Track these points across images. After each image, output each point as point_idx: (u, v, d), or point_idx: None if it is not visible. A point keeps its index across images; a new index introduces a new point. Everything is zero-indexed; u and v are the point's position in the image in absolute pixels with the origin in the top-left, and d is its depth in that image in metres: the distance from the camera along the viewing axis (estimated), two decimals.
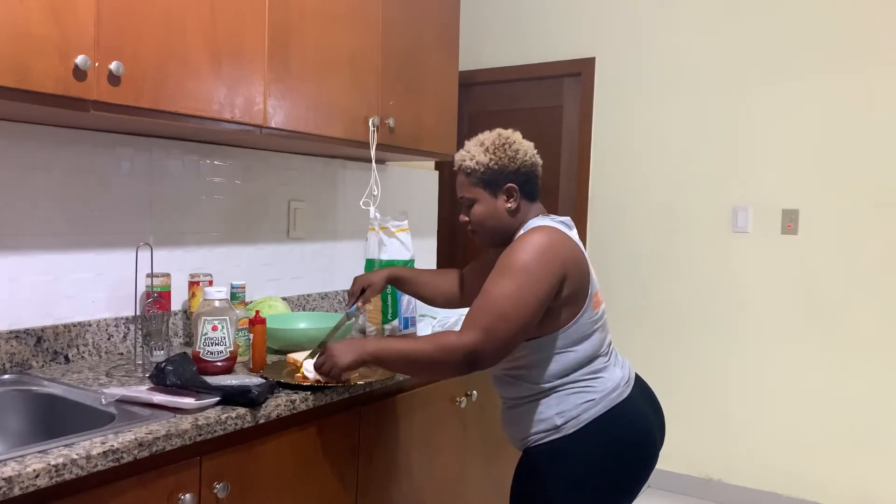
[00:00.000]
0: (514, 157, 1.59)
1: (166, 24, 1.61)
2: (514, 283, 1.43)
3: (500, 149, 1.59)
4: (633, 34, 3.69)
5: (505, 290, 1.43)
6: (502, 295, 1.43)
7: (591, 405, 1.52)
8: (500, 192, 1.60)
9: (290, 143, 2.14)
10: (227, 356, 1.69)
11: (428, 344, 1.47)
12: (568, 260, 1.49)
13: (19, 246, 1.72)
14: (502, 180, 1.59)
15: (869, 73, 3.12)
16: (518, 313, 1.42)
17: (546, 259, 1.45)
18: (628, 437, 1.54)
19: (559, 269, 1.47)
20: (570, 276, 1.49)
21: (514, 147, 1.60)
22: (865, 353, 3.15)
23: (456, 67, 2.65)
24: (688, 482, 3.55)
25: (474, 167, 1.59)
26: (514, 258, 1.46)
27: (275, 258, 2.41)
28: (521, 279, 1.43)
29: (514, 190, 1.59)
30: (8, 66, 1.33)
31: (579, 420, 1.51)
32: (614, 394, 1.54)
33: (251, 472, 1.51)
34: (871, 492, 3.14)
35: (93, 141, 1.85)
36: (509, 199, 1.60)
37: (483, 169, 1.58)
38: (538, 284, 1.44)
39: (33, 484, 1.11)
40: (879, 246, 3.12)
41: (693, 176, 3.54)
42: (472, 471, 2.27)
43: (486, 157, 1.58)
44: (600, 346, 1.57)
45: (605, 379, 1.55)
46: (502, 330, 1.42)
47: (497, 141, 1.60)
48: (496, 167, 1.58)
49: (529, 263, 1.44)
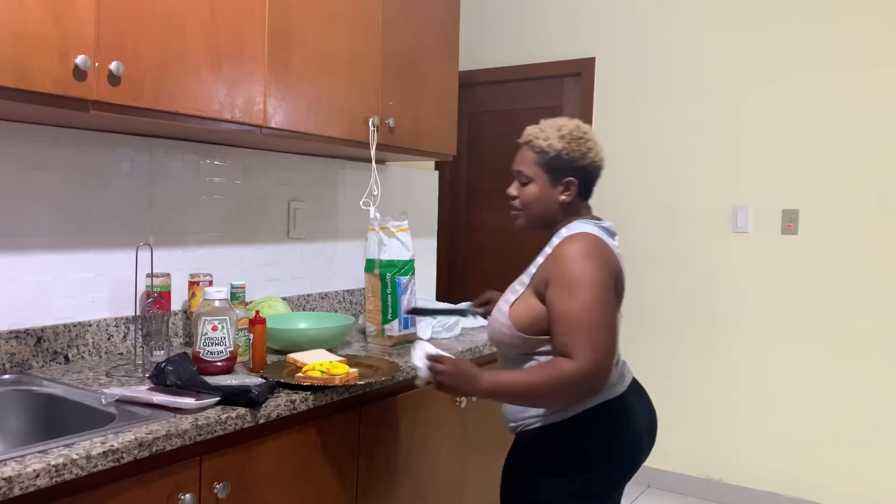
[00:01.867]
0: (586, 153, 1.59)
1: (166, 24, 1.61)
2: (589, 293, 1.45)
3: (576, 140, 1.58)
4: (633, 34, 3.68)
5: (586, 304, 1.45)
6: (586, 309, 1.45)
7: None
8: (560, 183, 1.60)
9: (290, 143, 2.14)
10: (227, 356, 1.69)
11: (540, 375, 1.46)
12: (615, 266, 1.54)
13: (19, 246, 1.72)
14: (566, 171, 1.59)
15: (869, 74, 3.12)
16: (607, 319, 1.46)
17: (601, 264, 1.49)
18: (614, 429, 1.56)
19: (613, 273, 1.52)
20: (618, 282, 1.56)
21: (589, 144, 1.60)
22: (865, 353, 3.15)
23: (456, 67, 2.65)
24: (688, 482, 3.55)
25: (545, 148, 1.58)
26: (577, 273, 1.47)
27: (275, 258, 2.41)
28: (593, 289, 1.46)
29: (573, 184, 1.59)
30: (8, 66, 1.33)
31: (569, 410, 1.53)
32: (616, 387, 1.57)
33: (251, 472, 1.51)
34: (871, 492, 3.14)
35: (93, 141, 1.85)
36: (565, 192, 1.60)
37: (553, 154, 1.58)
38: (607, 289, 1.49)
39: (33, 484, 1.11)
40: (879, 246, 3.12)
41: (693, 176, 3.54)
42: (472, 471, 2.27)
43: (560, 144, 1.57)
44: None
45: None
46: (604, 342, 1.45)
47: (575, 132, 1.59)
48: (566, 157, 1.58)
49: (594, 273, 1.47)
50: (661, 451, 3.63)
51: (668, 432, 3.65)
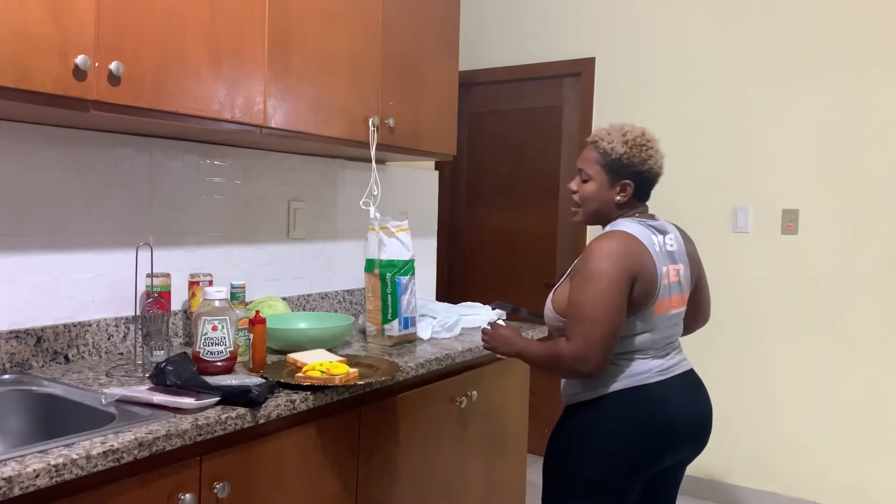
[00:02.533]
0: (646, 160, 1.70)
1: (166, 24, 1.61)
2: (596, 288, 1.56)
3: (638, 147, 1.70)
4: (633, 34, 3.68)
5: (589, 296, 1.56)
6: (588, 302, 1.56)
7: (611, 380, 1.64)
8: (617, 184, 1.71)
9: (290, 142, 2.14)
10: (227, 356, 1.69)
11: (544, 350, 1.68)
12: (638, 267, 1.60)
13: (19, 246, 1.72)
14: (624, 174, 1.70)
15: (869, 74, 3.12)
16: (607, 315, 1.55)
17: (621, 264, 1.57)
18: (641, 415, 1.63)
19: (631, 274, 1.58)
20: (639, 280, 1.60)
21: (650, 152, 1.71)
22: (865, 353, 3.15)
23: (456, 67, 2.65)
24: (688, 482, 3.55)
25: (608, 150, 1.70)
26: (591, 266, 1.58)
27: (275, 258, 2.41)
28: (602, 284, 1.56)
29: (629, 186, 1.71)
30: (8, 66, 1.33)
31: (597, 391, 1.65)
32: (640, 376, 1.65)
33: (251, 472, 1.51)
34: (870, 492, 3.14)
35: (93, 141, 1.85)
36: (621, 192, 1.71)
37: (615, 156, 1.69)
38: (617, 287, 1.56)
39: (33, 484, 1.11)
40: (879, 246, 3.12)
41: (693, 176, 3.54)
42: (472, 471, 2.27)
43: (622, 148, 1.69)
44: (648, 345, 1.67)
45: (636, 363, 1.66)
46: (597, 333, 1.55)
47: (639, 139, 1.71)
48: (626, 161, 1.69)
49: (606, 269, 1.56)
50: None
51: None
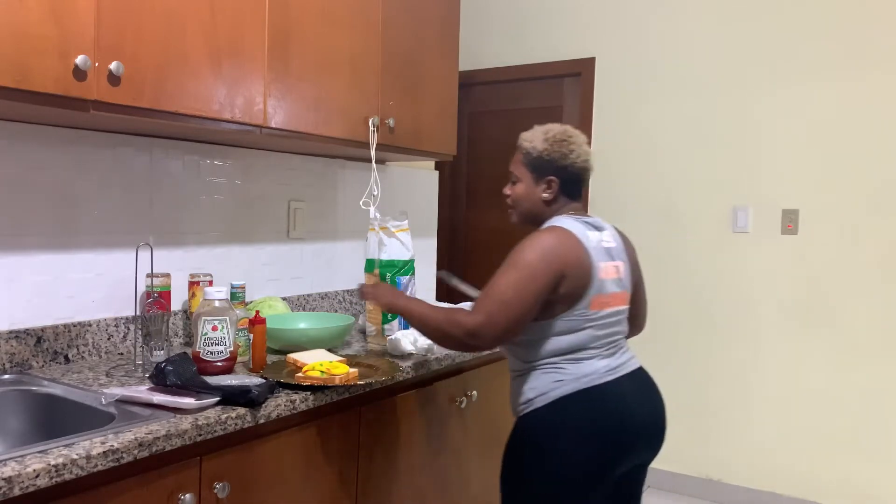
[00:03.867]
0: (567, 155, 1.70)
1: (166, 24, 1.61)
2: (517, 276, 1.57)
3: (558, 143, 1.71)
4: (633, 34, 3.68)
5: (509, 281, 1.57)
6: (506, 286, 1.57)
7: (560, 384, 1.61)
8: (542, 181, 1.72)
9: (290, 143, 2.14)
10: (227, 356, 1.69)
11: (442, 314, 1.64)
12: (569, 262, 1.59)
13: (19, 246, 1.72)
14: (548, 171, 1.71)
15: (869, 74, 3.12)
16: (517, 303, 1.55)
17: (548, 258, 1.57)
18: (597, 417, 1.60)
19: (558, 269, 1.58)
20: (569, 276, 1.59)
21: (571, 146, 1.71)
22: (865, 353, 3.15)
23: (456, 67, 2.65)
24: (688, 482, 3.55)
25: (530, 149, 1.73)
26: (520, 255, 1.59)
27: (275, 258, 2.41)
28: (523, 274, 1.56)
29: (553, 183, 1.72)
30: (8, 66, 1.33)
31: (548, 396, 1.62)
32: (586, 378, 1.61)
33: (251, 472, 1.51)
34: (870, 492, 3.14)
35: (93, 141, 1.85)
36: (547, 190, 1.72)
37: (535, 154, 1.72)
38: (537, 280, 1.56)
39: (33, 484, 1.11)
40: (879, 246, 3.12)
41: (693, 176, 3.54)
42: (472, 471, 2.27)
43: (543, 146, 1.71)
44: (590, 342, 1.64)
45: (582, 365, 1.63)
46: (502, 316, 1.55)
47: (559, 135, 1.72)
48: (548, 157, 1.71)
49: (533, 261, 1.57)
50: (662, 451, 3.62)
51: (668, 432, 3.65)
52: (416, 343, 2.00)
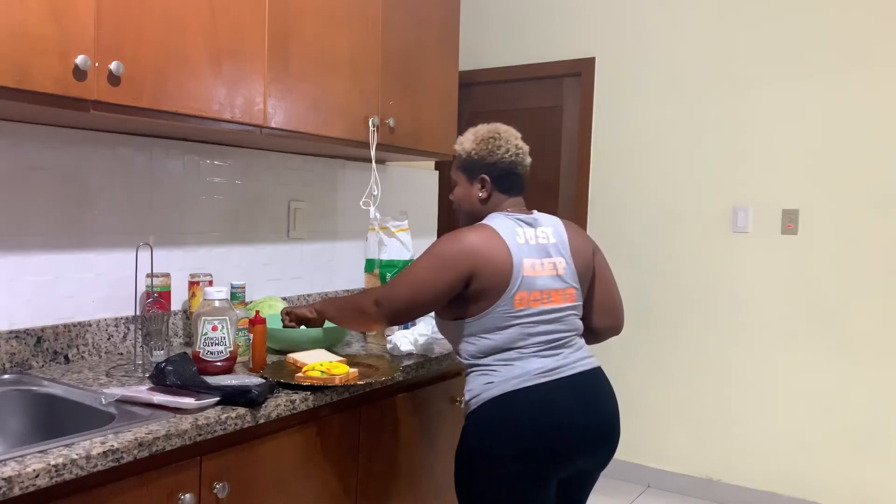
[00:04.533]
0: (494, 151, 1.72)
1: (166, 24, 1.61)
2: (428, 263, 1.63)
3: (485, 141, 1.73)
4: (633, 34, 3.68)
5: (421, 265, 1.64)
6: (417, 269, 1.65)
7: (490, 386, 1.61)
8: (476, 181, 1.75)
9: (290, 143, 2.14)
10: (227, 356, 1.69)
11: (352, 296, 1.79)
12: (482, 260, 1.60)
13: (19, 246, 1.72)
14: (478, 170, 1.74)
15: (869, 73, 3.12)
16: (422, 287, 1.62)
17: (464, 253, 1.60)
18: (523, 420, 1.57)
19: (469, 266, 1.59)
20: (482, 274, 1.59)
21: (498, 143, 1.73)
22: (865, 353, 3.15)
23: (456, 67, 2.65)
24: (688, 482, 3.55)
25: (460, 151, 1.78)
26: (438, 246, 1.65)
27: (275, 258, 2.41)
28: (434, 262, 1.62)
29: (485, 181, 1.74)
30: (8, 66, 1.33)
31: (480, 398, 1.62)
32: (516, 380, 1.59)
33: (251, 472, 1.51)
34: (871, 492, 3.14)
35: (93, 141, 1.85)
36: (481, 189, 1.75)
37: (465, 156, 1.76)
38: (446, 271, 1.60)
39: (33, 484, 1.11)
40: (879, 246, 3.12)
41: (693, 176, 3.54)
42: None
43: (471, 146, 1.75)
44: (520, 339, 1.62)
45: (513, 367, 1.61)
46: (402, 295, 1.64)
47: (485, 134, 1.75)
48: (476, 157, 1.74)
49: (445, 255, 1.62)
50: (661, 451, 3.63)
51: (668, 432, 3.66)
52: (417, 343, 2.00)
